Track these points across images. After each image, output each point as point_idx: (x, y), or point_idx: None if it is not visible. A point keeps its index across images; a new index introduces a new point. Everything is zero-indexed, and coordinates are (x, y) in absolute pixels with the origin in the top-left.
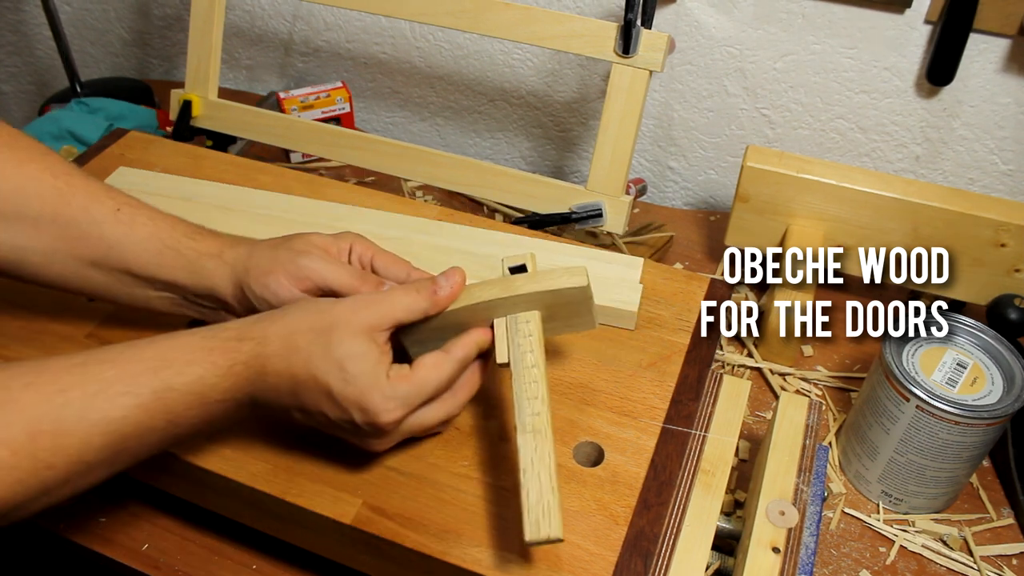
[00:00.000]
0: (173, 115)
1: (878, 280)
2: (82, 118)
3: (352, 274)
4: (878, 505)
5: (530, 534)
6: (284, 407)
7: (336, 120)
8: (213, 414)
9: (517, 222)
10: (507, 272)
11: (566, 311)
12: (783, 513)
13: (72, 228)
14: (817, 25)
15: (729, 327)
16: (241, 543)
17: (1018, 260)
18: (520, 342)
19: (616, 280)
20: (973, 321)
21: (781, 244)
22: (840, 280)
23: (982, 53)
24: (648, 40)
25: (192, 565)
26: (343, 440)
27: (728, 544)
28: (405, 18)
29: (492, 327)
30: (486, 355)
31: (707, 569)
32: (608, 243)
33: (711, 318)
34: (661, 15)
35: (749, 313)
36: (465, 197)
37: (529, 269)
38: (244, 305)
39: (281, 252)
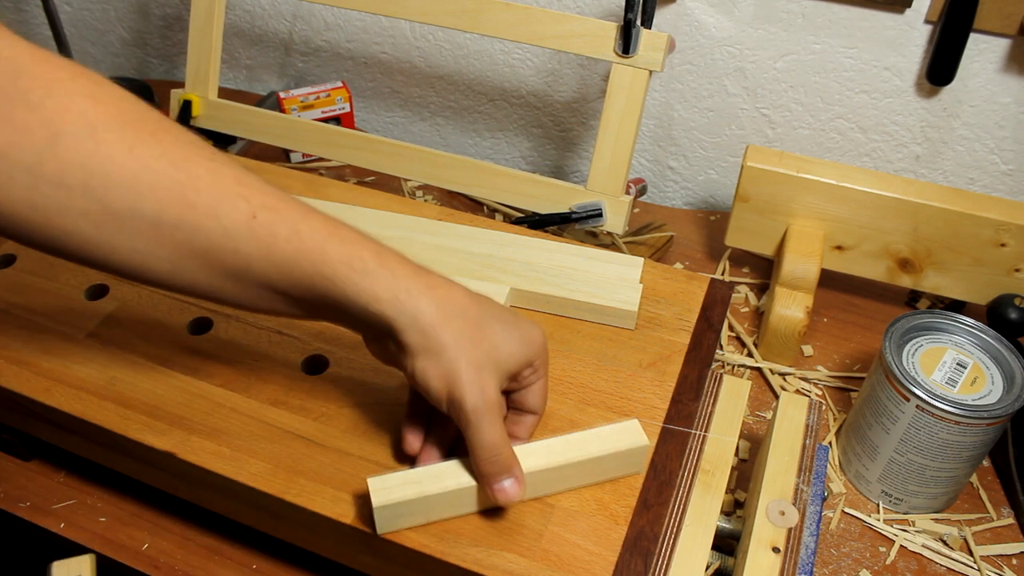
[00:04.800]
0: (173, 115)
1: (878, 280)
2: None
3: (489, 447)
4: (878, 505)
5: None
6: None
7: (336, 120)
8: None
9: (517, 222)
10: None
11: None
12: (783, 513)
13: (200, 237)
14: (817, 25)
15: (729, 327)
16: (241, 543)
17: (1018, 260)
18: None
19: (616, 280)
20: (973, 321)
21: (781, 244)
22: (840, 280)
23: (982, 53)
24: (648, 40)
25: (192, 565)
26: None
27: (728, 544)
28: (405, 18)
29: None
30: None
31: (707, 569)
32: (608, 243)
33: (711, 318)
34: (661, 15)
35: (749, 313)
36: (465, 197)
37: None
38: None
39: (463, 369)
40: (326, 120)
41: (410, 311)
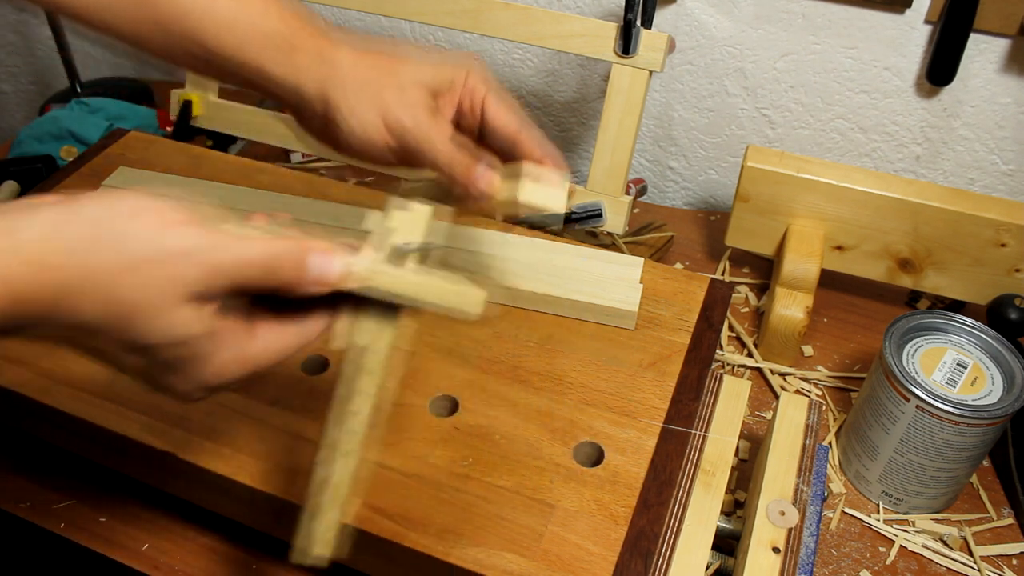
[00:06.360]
0: (173, 115)
1: (878, 280)
2: (82, 118)
3: (446, 149)
4: (878, 505)
5: (297, 557)
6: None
7: None
8: None
9: (517, 222)
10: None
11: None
12: (783, 513)
13: None
14: (817, 25)
15: (729, 327)
16: (241, 543)
17: (1018, 260)
18: (371, 337)
19: (616, 280)
20: (973, 321)
21: (781, 244)
22: (840, 280)
23: (982, 53)
24: (648, 40)
25: (192, 565)
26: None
27: (728, 544)
28: (405, 18)
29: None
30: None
31: (707, 569)
32: (608, 243)
33: (711, 318)
34: (661, 15)
35: (749, 313)
36: None
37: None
38: (325, 116)
39: (387, 93)
40: None
41: (329, 61)
